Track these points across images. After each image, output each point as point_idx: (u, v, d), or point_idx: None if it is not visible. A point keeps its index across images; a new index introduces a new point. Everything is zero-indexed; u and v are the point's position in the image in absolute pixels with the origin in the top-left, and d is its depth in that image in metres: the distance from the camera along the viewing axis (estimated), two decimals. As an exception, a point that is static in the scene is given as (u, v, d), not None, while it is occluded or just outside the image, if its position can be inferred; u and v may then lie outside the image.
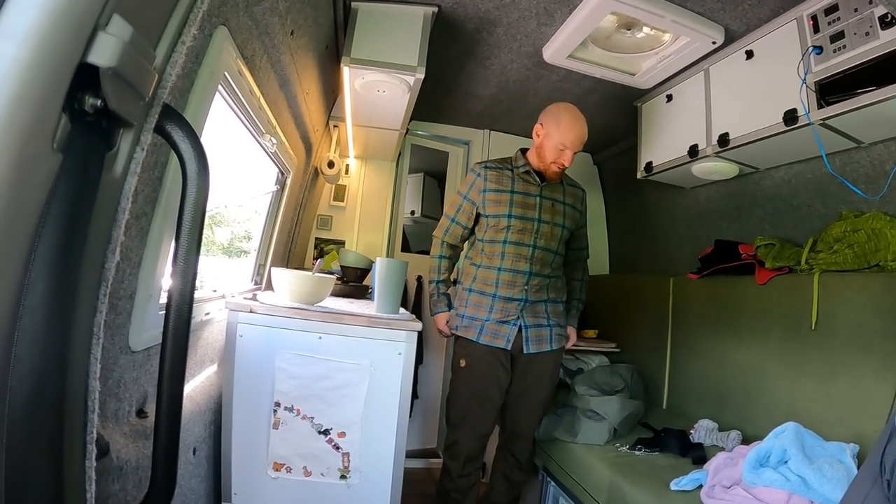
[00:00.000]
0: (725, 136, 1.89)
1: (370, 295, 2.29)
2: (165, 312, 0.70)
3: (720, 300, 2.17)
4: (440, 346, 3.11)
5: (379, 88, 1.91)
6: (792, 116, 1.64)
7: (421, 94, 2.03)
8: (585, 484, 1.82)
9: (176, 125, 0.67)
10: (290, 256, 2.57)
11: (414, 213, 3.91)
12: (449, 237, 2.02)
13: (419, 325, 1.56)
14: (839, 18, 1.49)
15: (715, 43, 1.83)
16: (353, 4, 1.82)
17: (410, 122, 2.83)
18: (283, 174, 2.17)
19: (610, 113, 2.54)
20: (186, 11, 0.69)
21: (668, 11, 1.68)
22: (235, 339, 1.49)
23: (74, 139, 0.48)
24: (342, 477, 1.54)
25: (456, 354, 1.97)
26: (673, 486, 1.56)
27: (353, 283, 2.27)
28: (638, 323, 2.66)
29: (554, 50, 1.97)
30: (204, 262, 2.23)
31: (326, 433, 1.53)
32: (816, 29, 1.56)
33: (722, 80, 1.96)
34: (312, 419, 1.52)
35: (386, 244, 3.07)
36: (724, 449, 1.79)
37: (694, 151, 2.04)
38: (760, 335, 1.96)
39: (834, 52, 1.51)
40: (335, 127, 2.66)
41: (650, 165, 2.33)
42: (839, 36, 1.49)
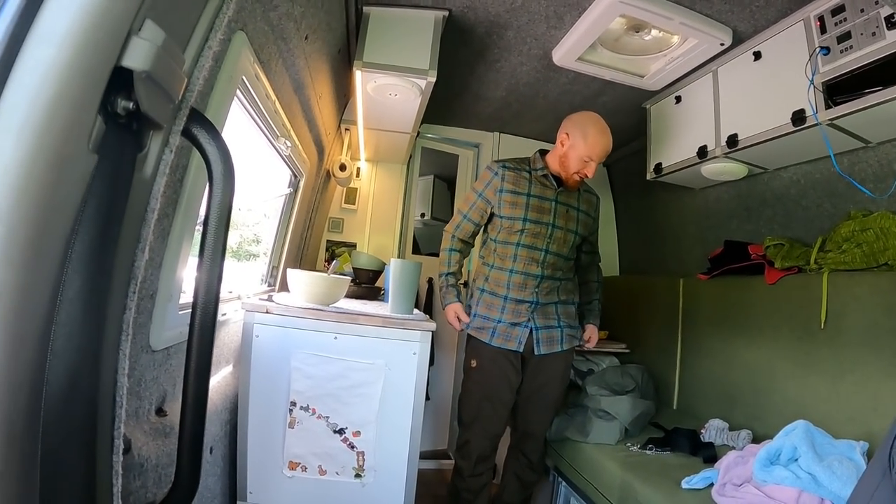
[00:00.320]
0: (734, 136, 1.90)
1: (383, 296, 2.30)
2: (192, 311, 0.71)
3: (730, 300, 2.18)
4: (452, 347, 3.13)
5: (390, 92, 1.94)
6: (800, 117, 1.65)
7: (431, 96, 2.05)
8: (597, 483, 1.83)
9: (202, 128, 0.69)
10: (302, 258, 2.60)
11: (424, 215, 3.93)
12: (460, 233, 2.01)
13: (433, 325, 1.58)
14: (846, 19, 1.49)
15: (723, 44, 1.84)
16: (365, 9, 1.84)
17: (421, 124, 2.86)
18: (296, 177, 2.20)
19: (619, 115, 2.54)
20: (213, 17, 0.71)
21: (676, 13, 1.69)
22: (252, 339, 1.51)
23: (108, 140, 0.49)
24: (357, 476, 1.56)
25: (467, 355, 1.98)
26: (684, 484, 1.56)
27: (365, 284, 2.29)
28: (648, 324, 2.66)
29: (563, 53, 1.98)
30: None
31: (341, 432, 1.55)
32: (823, 30, 1.57)
33: (730, 81, 1.97)
34: (328, 418, 1.54)
35: (397, 246, 3.09)
36: (734, 448, 1.79)
37: (703, 152, 2.05)
38: (770, 335, 1.96)
39: (841, 52, 1.52)
40: (347, 130, 2.69)
41: (660, 167, 2.34)
42: (846, 36, 1.50)
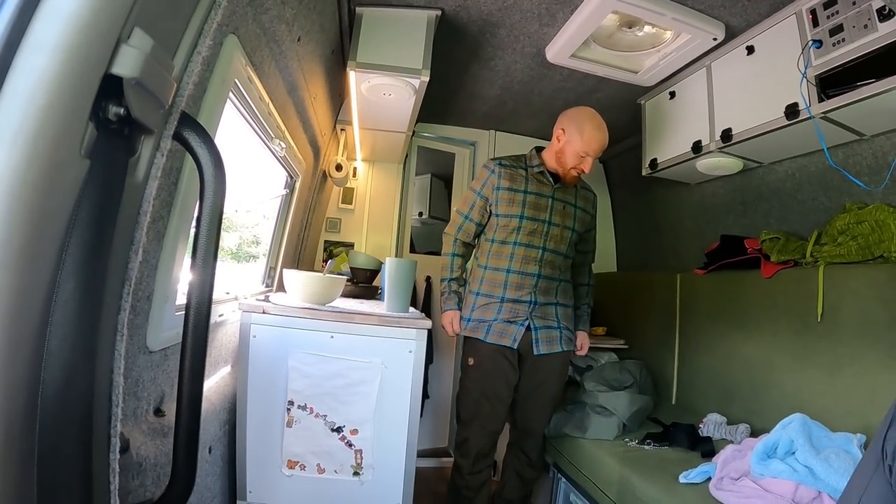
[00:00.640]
0: (728, 131, 1.91)
1: (380, 295, 2.31)
2: (185, 312, 0.72)
3: (727, 295, 2.18)
4: (450, 345, 3.14)
5: (385, 92, 1.94)
6: (793, 110, 1.65)
7: (426, 96, 2.05)
8: (596, 479, 1.84)
9: (193, 131, 0.70)
10: (300, 259, 2.60)
11: (422, 214, 3.94)
12: (462, 234, 2.00)
13: (429, 322, 1.59)
14: (838, 12, 1.50)
15: (716, 39, 1.85)
16: (357, 9, 1.85)
17: (416, 123, 2.86)
18: (292, 178, 2.21)
19: (614, 111, 2.55)
20: (201, 23, 0.72)
21: (668, 9, 1.70)
22: (249, 339, 1.52)
23: (100, 146, 0.50)
24: (355, 474, 1.57)
25: (464, 353, 1.99)
26: (682, 478, 1.57)
27: (362, 283, 2.30)
28: (646, 319, 2.67)
29: (557, 50, 1.99)
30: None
31: (339, 430, 1.56)
32: (816, 23, 1.57)
33: (724, 75, 1.97)
34: (325, 417, 1.55)
35: (394, 245, 3.10)
36: (732, 442, 1.80)
37: (697, 147, 2.06)
38: (767, 329, 1.97)
39: (833, 45, 1.52)
40: (342, 130, 2.69)
41: (655, 162, 2.35)
42: (838, 29, 1.50)
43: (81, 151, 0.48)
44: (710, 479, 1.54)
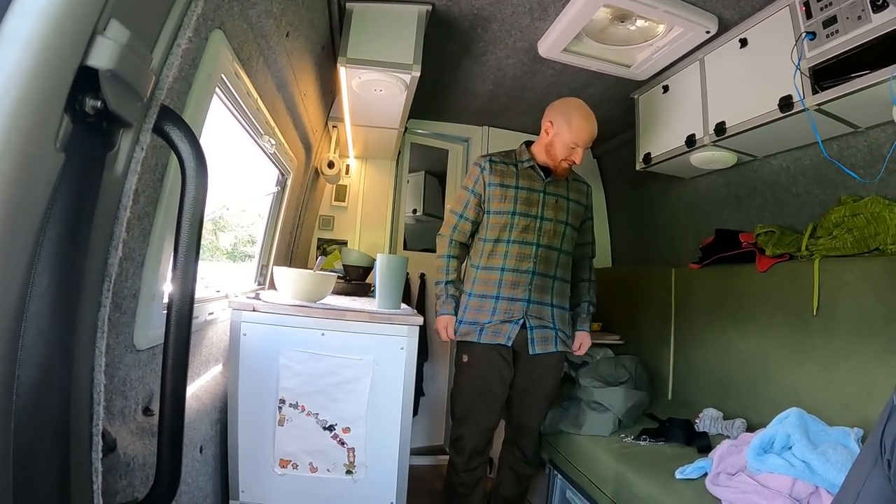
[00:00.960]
0: (722, 124, 1.90)
1: (373, 293, 2.30)
2: (167, 309, 0.71)
3: (722, 289, 2.18)
4: (446, 343, 3.12)
5: (376, 87, 1.93)
6: (787, 103, 1.64)
7: (418, 92, 2.04)
8: (591, 475, 1.82)
9: (174, 125, 0.69)
10: (292, 257, 2.59)
11: (416, 211, 3.93)
12: (458, 235, 1.97)
13: (420, 319, 1.58)
14: (831, 3, 1.49)
15: (709, 32, 1.84)
16: (347, 5, 1.83)
17: (409, 120, 2.84)
18: (283, 175, 2.20)
19: (607, 106, 2.54)
20: (181, 15, 0.71)
21: (660, 2, 1.69)
22: (239, 337, 1.51)
23: (76, 139, 0.50)
24: (348, 472, 1.56)
25: (459, 350, 1.97)
26: (678, 474, 1.56)
27: (355, 281, 2.29)
28: (642, 315, 2.66)
29: (549, 44, 1.98)
30: (209, 266, 2.22)
31: (331, 429, 1.55)
32: (809, 15, 1.56)
33: (717, 69, 1.97)
34: (317, 415, 1.54)
35: (388, 243, 3.09)
36: (729, 437, 1.79)
37: (691, 141, 2.05)
38: (763, 323, 1.96)
39: (827, 37, 1.51)
40: (334, 127, 2.69)
41: (648, 157, 2.34)
42: (832, 21, 1.49)
43: (57, 145, 0.47)
44: (706, 474, 1.53)
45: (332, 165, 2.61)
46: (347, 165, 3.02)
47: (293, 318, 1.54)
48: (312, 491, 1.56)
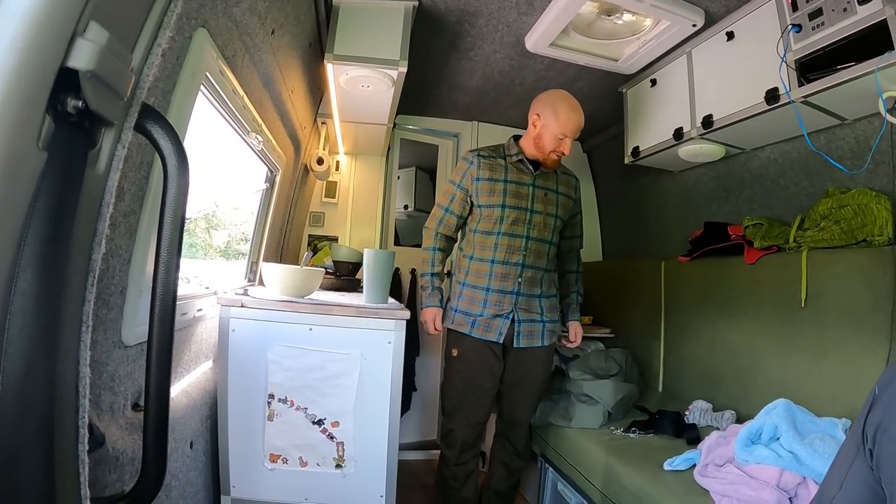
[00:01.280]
0: (709, 117, 1.90)
1: (362, 288, 2.31)
2: (150, 304, 0.72)
3: (711, 282, 2.19)
4: (438, 338, 3.11)
5: (363, 84, 1.93)
6: (773, 95, 1.65)
7: (407, 87, 2.04)
8: (581, 468, 1.84)
9: (156, 123, 0.70)
10: (282, 253, 2.60)
11: (407, 207, 3.93)
12: (443, 228, 1.99)
13: (407, 313, 1.58)
14: (817, -5, 1.49)
15: (695, 25, 1.84)
16: (334, 1, 1.83)
17: (399, 116, 2.86)
18: (272, 172, 2.20)
19: (596, 100, 2.55)
20: (161, 16, 0.72)
21: (646, -4, 1.69)
22: (228, 333, 1.52)
23: (58, 138, 0.51)
24: (338, 466, 1.57)
25: (448, 344, 1.98)
26: (666, 466, 1.57)
27: (345, 276, 2.29)
28: (632, 308, 2.67)
29: (536, 39, 1.98)
30: (203, 264, 2.22)
31: (320, 423, 1.55)
32: (795, 7, 1.56)
33: (704, 62, 1.97)
34: (306, 410, 1.55)
35: (378, 238, 3.09)
36: (718, 429, 1.80)
37: (679, 134, 2.05)
38: (751, 315, 1.97)
39: (813, 29, 1.51)
40: (323, 124, 2.68)
41: (637, 150, 2.34)
42: (817, 13, 1.49)
43: (39, 144, 0.48)
44: (694, 465, 1.54)
45: (321, 162, 2.61)
46: (338, 162, 3.02)
47: (281, 313, 1.54)
48: (303, 485, 1.57)
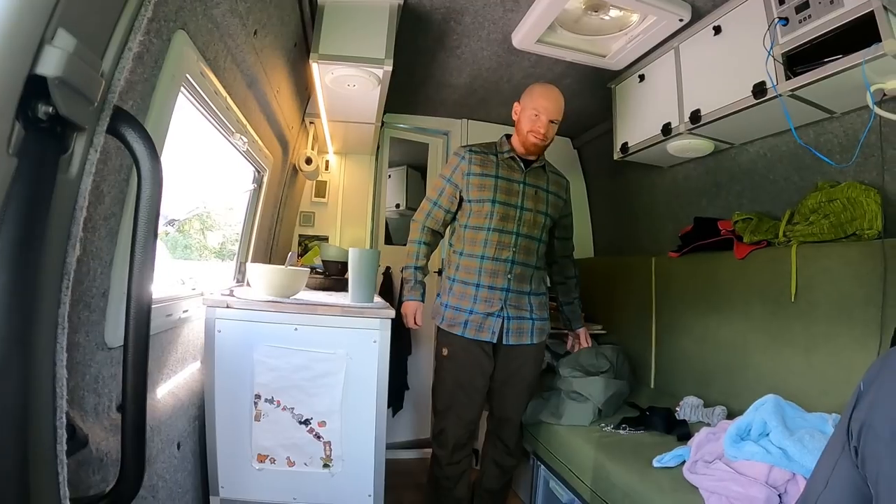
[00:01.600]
0: (697, 112, 1.90)
1: (349, 287, 2.31)
2: (126, 307, 0.73)
3: (701, 277, 2.18)
4: (430, 336, 3.12)
5: (349, 83, 1.93)
6: (761, 89, 1.64)
7: (396, 86, 2.04)
8: (571, 465, 1.83)
9: (129, 126, 0.70)
10: (272, 254, 2.60)
11: (399, 205, 3.92)
12: (431, 221, 1.99)
13: (392, 312, 1.58)
14: (803, -12, 1.48)
15: (682, 20, 1.84)
16: (319, 1, 1.83)
17: (388, 114, 2.86)
18: (259, 173, 2.20)
19: (585, 96, 2.54)
20: (131, 20, 0.73)
21: (632, -9, 1.69)
22: (214, 334, 1.52)
23: (29, 144, 0.51)
24: (325, 465, 1.57)
25: (439, 343, 1.98)
26: (656, 462, 1.56)
27: (334, 276, 2.30)
28: (623, 304, 2.67)
29: (522, 36, 1.98)
30: (198, 266, 2.22)
31: (307, 423, 1.55)
32: (782, 0, 1.55)
33: (692, 57, 1.96)
34: (293, 409, 1.54)
35: (369, 237, 3.09)
36: (709, 424, 1.79)
37: (667, 130, 2.05)
38: (742, 310, 1.97)
39: (800, 22, 1.50)
40: (311, 123, 2.68)
41: (626, 146, 2.33)
42: (804, 6, 1.48)
43: (9, 150, 0.49)
44: (684, 462, 1.53)
45: (309, 162, 2.61)
46: (327, 161, 3.02)
47: (266, 313, 1.54)
48: (291, 485, 1.57)
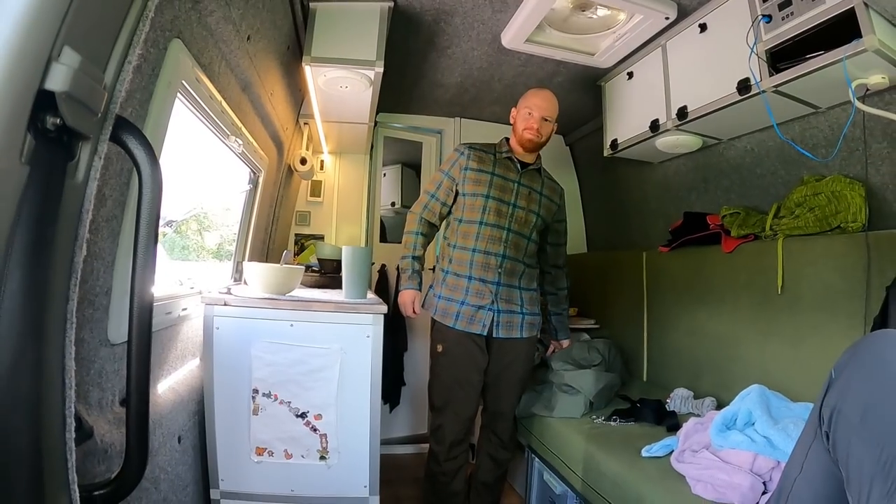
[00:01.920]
0: (684, 109, 1.92)
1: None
2: (129, 305, 0.76)
3: (691, 271, 2.21)
4: (426, 332, 3.15)
5: (341, 84, 1.96)
6: (745, 86, 1.66)
7: (388, 86, 2.08)
8: (564, 457, 1.86)
9: (129, 134, 0.75)
10: (268, 253, 2.64)
11: (394, 204, 3.95)
12: (427, 213, 2.03)
13: (384, 307, 1.62)
14: (787, -15, 1.50)
15: (668, 18, 1.86)
16: (311, 5, 1.87)
17: (382, 114, 2.90)
18: (254, 173, 2.24)
19: (575, 94, 2.58)
20: (130, 36, 0.77)
21: (618, -10, 1.71)
22: (212, 331, 1.56)
23: (39, 153, 0.55)
24: (322, 458, 1.61)
25: (433, 340, 2.01)
26: (644, 452, 1.59)
27: (330, 274, 2.34)
28: (616, 298, 2.70)
29: (512, 35, 2.01)
30: (196, 266, 2.26)
31: (304, 416, 1.59)
32: (765, -2, 1.58)
33: (678, 54, 1.99)
34: (290, 403, 1.59)
35: (364, 235, 3.12)
36: (698, 415, 1.82)
37: (655, 126, 2.08)
38: (730, 303, 2.00)
39: (783, 19, 1.52)
40: (305, 124, 2.72)
41: (615, 143, 2.37)
42: (787, 3, 1.51)
43: (22, 159, 0.53)
44: (672, 452, 1.56)
45: (304, 162, 2.65)
46: (322, 161, 3.06)
47: (263, 310, 1.59)
48: (288, 477, 1.61)
